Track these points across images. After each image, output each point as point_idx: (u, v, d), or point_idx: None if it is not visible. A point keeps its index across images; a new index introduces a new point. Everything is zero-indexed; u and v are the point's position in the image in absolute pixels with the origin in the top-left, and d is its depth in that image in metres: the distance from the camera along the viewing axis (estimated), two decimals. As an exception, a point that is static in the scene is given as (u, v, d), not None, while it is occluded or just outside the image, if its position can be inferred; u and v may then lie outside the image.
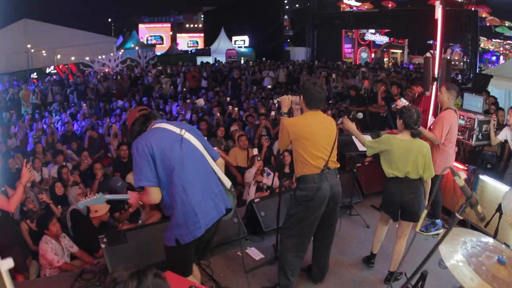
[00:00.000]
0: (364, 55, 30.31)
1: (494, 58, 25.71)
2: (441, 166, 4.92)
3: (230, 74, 17.82)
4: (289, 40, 31.91)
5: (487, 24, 23.12)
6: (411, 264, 4.08)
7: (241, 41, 31.52)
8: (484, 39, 24.65)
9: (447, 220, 5.60)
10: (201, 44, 35.55)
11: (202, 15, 36.20)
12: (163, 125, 3.12)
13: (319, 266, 4.23)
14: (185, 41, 36.79)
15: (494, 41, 25.38)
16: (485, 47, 25.49)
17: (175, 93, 16.44)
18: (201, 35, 36.08)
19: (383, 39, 30.14)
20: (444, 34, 6.57)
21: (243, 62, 24.33)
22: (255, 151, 6.99)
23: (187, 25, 38.05)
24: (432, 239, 5.33)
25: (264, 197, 5.54)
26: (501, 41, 25.16)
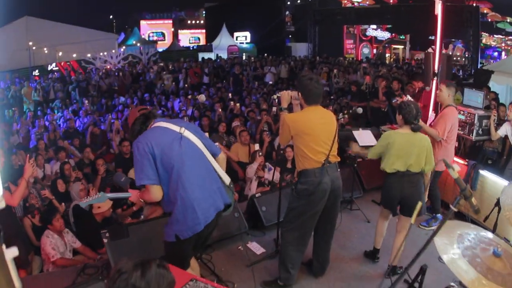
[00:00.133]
0: (366, 51, 30.22)
1: (496, 54, 25.61)
2: (442, 163, 4.96)
3: (232, 70, 17.79)
4: (291, 36, 31.79)
5: (489, 20, 23.01)
6: (412, 258, 4.13)
7: (243, 37, 31.45)
8: (486, 35, 24.55)
9: (447, 215, 5.62)
10: (203, 40, 35.41)
11: (204, 11, 36.07)
12: (163, 124, 3.17)
13: (320, 261, 4.25)
14: (187, 38, 36.66)
15: (496, 37, 25.27)
16: (487, 43, 25.39)
17: (177, 89, 16.44)
18: (203, 31, 35.93)
19: (385, 35, 30.04)
20: (446, 30, 6.57)
21: (245, 58, 24.30)
22: (257, 147, 7.00)
23: (189, 21, 37.85)
24: (433, 234, 5.34)
25: (265, 192, 5.57)
26: (503, 37, 25.04)
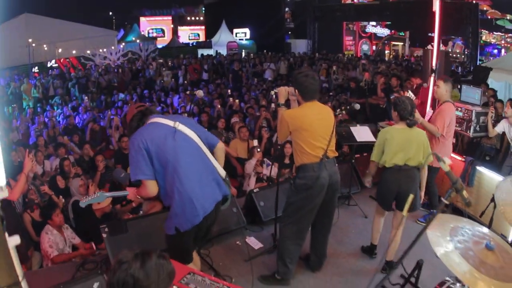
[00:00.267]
0: (365, 48, 30.17)
1: (496, 51, 25.51)
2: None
3: (231, 67, 17.83)
4: (290, 33, 31.77)
5: (488, 17, 22.95)
6: (409, 254, 4.12)
7: (242, 34, 31.41)
8: (486, 32, 24.50)
9: (445, 211, 5.66)
10: (202, 37, 35.35)
11: (203, 8, 36.00)
12: (158, 120, 3.21)
13: (317, 255, 4.29)
14: (186, 34, 36.59)
15: (496, 34, 25.17)
16: (487, 40, 25.33)
17: (176, 86, 16.48)
18: (202, 28, 35.84)
19: (384, 32, 29.96)
20: (445, 27, 6.58)
21: (244, 55, 24.31)
22: (255, 143, 7.02)
23: (188, 18, 37.78)
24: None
25: (263, 187, 5.60)
26: (503, 34, 24.98)
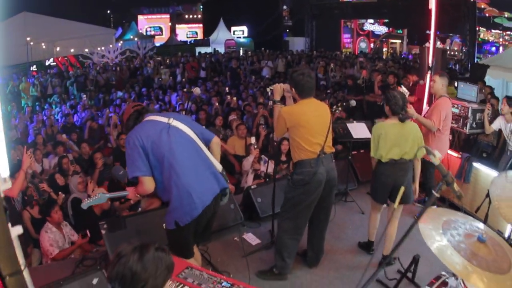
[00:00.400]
0: (363, 45, 30.17)
1: (494, 49, 25.50)
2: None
3: (229, 64, 17.86)
4: (288, 30, 31.78)
5: (486, 15, 22.94)
6: (405, 250, 4.20)
7: (240, 32, 31.44)
8: (484, 30, 24.52)
9: (430, 199, 5.69)
10: (200, 35, 35.35)
11: (201, 6, 35.97)
12: (152, 117, 3.27)
13: (314, 250, 4.32)
14: (184, 32, 36.54)
15: (494, 32, 25.16)
16: (485, 38, 25.33)
17: (174, 84, 16.48)
18: (200, 26, 35.80)
19: (382, 29, 29.96)
20: (443, 25, 6.60)
21: (242, 53, 24.29)
22: (253, 140, 7.05)
23: (186, 16, 37.70)
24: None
25: (261, 184, 5.64)
26: (501, 32, 24.97)
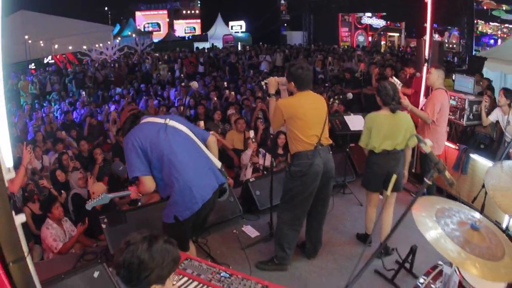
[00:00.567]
0: (361, 39, 30.11)
1: (492, 42, 25.45)
2: (434, 147, 5.05)
3: (228, 59, 17.88)
4: (286, 25, 31.68)
5: (484, 8, 22.87)
6: (403, 240, 4.26)
7: (238, 26, 31.44)
8: (482, 23, 24.45)
9: (422, 187, 5.72)
10: (198, 30, 35.30)
11: (199, 1, 35.91)
12: (149, 119, 3.36)
13: (312, 242, 4.37)
14: (182, 28, 36.43)
15: (492, 25, 25.09)
16: (483, 31, 25.27)
17: (173, 79, 16.49)
18: (198, 21, 35.75)
19: (380, 23, 29.89)
20: (440, 17, 6.61)
21: (240, 47, 24.29)
22: (251, 134, 7.08)
23: (184, 12, 37.60)
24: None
25: (259, 177, 5.67)
26: (499, 25, 24.89)
